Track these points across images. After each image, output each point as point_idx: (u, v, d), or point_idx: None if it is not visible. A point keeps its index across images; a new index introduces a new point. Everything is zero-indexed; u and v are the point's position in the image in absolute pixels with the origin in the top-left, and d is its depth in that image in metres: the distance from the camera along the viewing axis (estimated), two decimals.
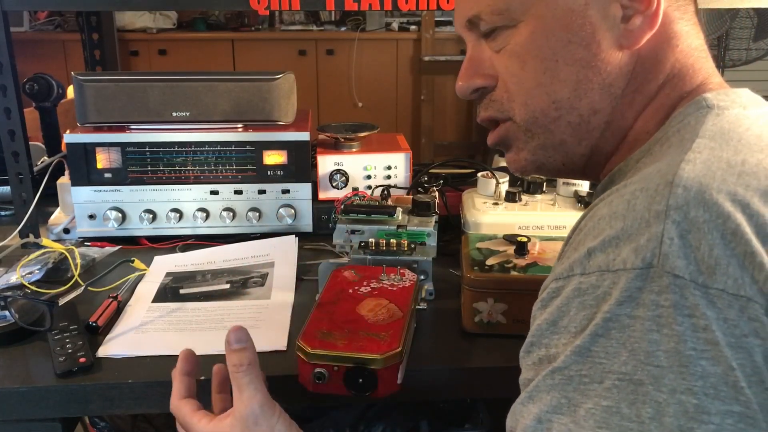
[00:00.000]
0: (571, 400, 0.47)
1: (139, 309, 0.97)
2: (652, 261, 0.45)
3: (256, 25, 3.82)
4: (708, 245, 0.45)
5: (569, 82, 0.61)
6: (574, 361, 0.47)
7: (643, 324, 0.45)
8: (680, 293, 0.44)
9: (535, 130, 0.64)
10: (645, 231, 0.46)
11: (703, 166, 0.49)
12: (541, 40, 0.61)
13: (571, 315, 0.49)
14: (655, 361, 0.44)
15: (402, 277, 0.91)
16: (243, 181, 1.19)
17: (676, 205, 0.46)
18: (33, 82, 1.39)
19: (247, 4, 1.10)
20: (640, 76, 0.61)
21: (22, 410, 0.80)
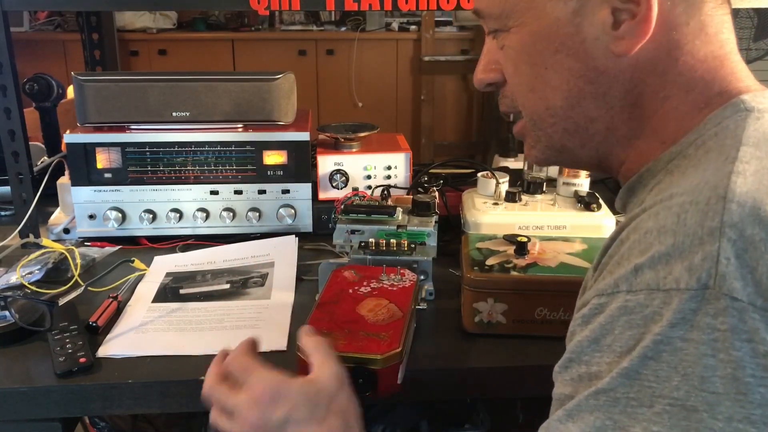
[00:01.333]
0: (617, 422, 0.45)
1: (139, 309, 0.97)
2: (708, 282, 0.43)
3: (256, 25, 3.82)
4: (766, 265, 0.43)
5: (561, 91, 0.60)
6: (621, 383, 0.45)
7: (698, 348, 0.43)
8: (739, 317, 0.42)
9: (537, 132, 0.64)
10: (699, 249, 0.44)
11: (754, 179, 0.47)
12: (530, 47, 0.60)
13: (616, 334, 0.47)
14: (710, 387, 0.42)
15: (402, 277, 0.91)
16: (243, 181, 1.19)
17: (731, 222, 0.45)
18: (33, 82, 1.39)
19: (247, 4, 1.10)
20: (639, 87, 0.58)
21: (22, 410, 0.80)
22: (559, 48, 0.58)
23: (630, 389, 0.45)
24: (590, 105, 0.59)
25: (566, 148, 0.63)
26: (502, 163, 3.26)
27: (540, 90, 0.61)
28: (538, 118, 0.63)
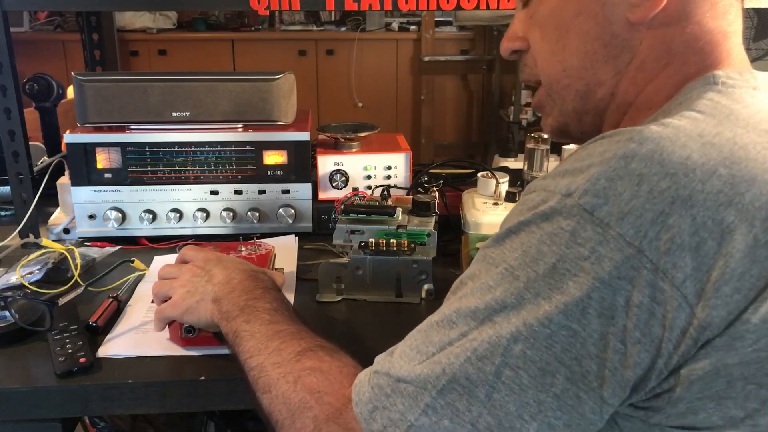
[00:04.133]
0: (477, 271, 0.56)
1: (139, 309, 0.97)
2: (573, 193, 0.51)
3: (256, 25, 3.82)
4: (631, 194, 0.49)
5: (578, 52, 0.64)
6: (491, 245, 0.56)
7: (541, 235, 0.52)
8: (582, 225, 0.50)
9: (554, 96, 0.69)
10: (586, 170, 0.52)
11: (672, 130, 0.52)
12: (557, 11, 0.65)
13: (511, 214, 0.57)
14: (535, 266, 0.52)
15: (258, 247, 1.01)
16: (243, 181, 1.19)
17: (624, 155, 0.51)
18: (33, 82, 1.39)
19: (247, 4, 1.10)
20: (645, 53, 0.62)
21: (22, 410, 0.80)
22: (583, 10, 0.63)
23: (493, 251, 0.56)
24: (601, 67, 0.64)
25: (576, 112, 0.68)
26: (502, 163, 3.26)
27: (559, 52, 0.66)
28: (555, 80, 0.67)
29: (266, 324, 0.72)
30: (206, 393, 0.82)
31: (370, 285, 0.99)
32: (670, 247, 0.48)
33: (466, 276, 0.57)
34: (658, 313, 0.49)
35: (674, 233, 0.48)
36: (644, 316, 0.49)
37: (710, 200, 0.49)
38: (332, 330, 0.93)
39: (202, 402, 0.83)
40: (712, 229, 0.49)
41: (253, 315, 0.73)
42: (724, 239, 0.49)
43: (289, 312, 0.75)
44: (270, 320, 0.72)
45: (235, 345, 0.72)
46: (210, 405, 0.84)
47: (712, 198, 0.49)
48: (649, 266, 0.48)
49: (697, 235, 0.48)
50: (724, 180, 0.50)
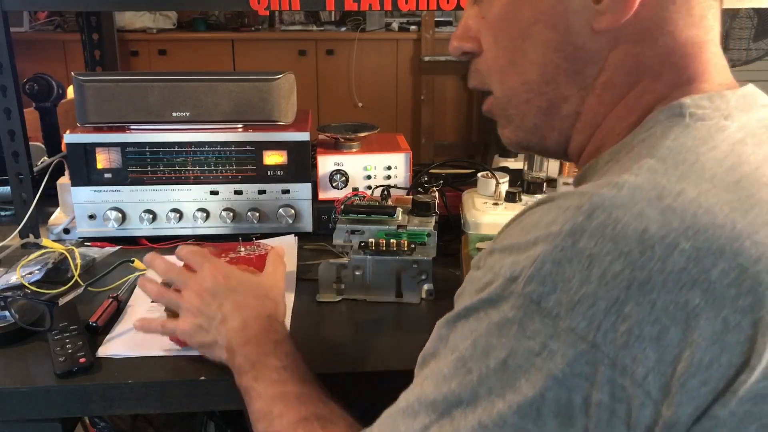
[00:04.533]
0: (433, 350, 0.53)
1: (139, 309, 0.97)
2: (518, 278, 0.46)
3: (256, 25, 3.82)
4: (580, 280, 0.44)
5: (538, 65, 0.58)
6: (445, 324, 0.52)
7: (489, 325, 0.47)
8: (529, 317, 0.45)
9: (510, 110, 0.62)
10: (531, 248, 0.47)
11: (628, 193, 0.46)
12: (510, 15, 0.58)
13: (464, 294, 0.52)
14: (486, 360, 0.47)
15: (257, 247, 1.00)
16: (243, 182, 1.19)
17: (571, 231, 0.45)
18: (33, 82, 1.39)
19: (247, 4, 1.10)
20: (613, 67, 0.56)
21: (22, 410, 0.80)
22: (540, 18, 0.56)
23: (446, 331, 0.51)
24: (564, 82, 0.57)
25: (537, 129, 0.61)
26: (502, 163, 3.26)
27: (519, 63, 0.59)
28: (513, 94, 0.61)
29: (273, 384, 0.70)
30: (206, 393, 0.82)
31: (370, 285, 0.99)
32: (628, 339, 0.43)
33: (427, 353, 0.53)
34: (620, 411, 0.43)
35: (632, 323, 0.43)
36: (605, 415, 0.43)
37: (671, 281, 0.43)
38: (332, 330, 0.93)
39: (202, 402, 0.83)
40: (675, 315, 0.42)
41: (262, 373, 0.72)
42: (689, 325, 0.42)
43: (298, 369, 0.73)
44: (277, 380, 0.71)
45: (246, 402, 0.72)
46: (210, 405, 0.84)
47: (674, 278, 0.43)
48: (606, 362, 0.43)
49: (659, 324, 0.42)
50: (687, 255, 0.43)
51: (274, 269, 0.89)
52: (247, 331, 0.77)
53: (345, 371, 0.83)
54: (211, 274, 0.82)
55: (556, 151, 0.63)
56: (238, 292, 0.81)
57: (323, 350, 0.88)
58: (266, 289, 0.84)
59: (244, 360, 0.74)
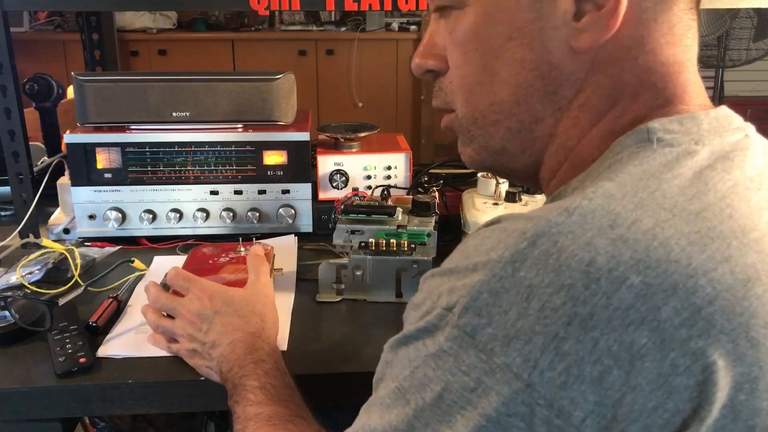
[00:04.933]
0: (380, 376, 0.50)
1: (139, 309, 0.96)
2: (453, 308, 0.43)
3: (256, 25, 3.82)
4: (518, 312, 0.41)
5: (509, 84, 0.54)
6: (387, 350, 0.50)
7: (427, 356, 0.45)
8: (465, 350, 0.42)
9: (475, 130, 0.58)
10: (468, 275, 0.44)
11: (578, 218, 0.43)
12: (482, 30, 0.54)
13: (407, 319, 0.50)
14: (423, 393, 0.44)
15: None
16: (243, 181, 1.19)
17: (511, 259, 0.42)
18: (33, 82, 1.39)
19: (247, 4, 1.10)
20: (590, 88, 0.52)
21: (22, 410, 0.80)
22: (514, 35, 0.52)
23: (390, 356, 0.49)
24: (538, 103, 0.53)
25: (505, 151, 0.57)
26: None
27: (487, 83, 0.55)
28: (480, 115, 0.57)
29: (249, 405, 0.71)
30: (206, 393, 0.82)
31: (370, 285, 0.99)
32: (566, 379, 0.40)
33: (377, 377, 0.51)
34: None
35: (571, 362, 0.40)
36: None
37: (617, 319, 0.39)
38: (332, 330, 0.93)
39: (202, 402, 0.83)
40: (619, 355, 0.39)
41: (241, 396, 0.72)
42: (633, 367, 0.39)
43: (274, 387, 0.72)
44: (253, 401, 0.71)
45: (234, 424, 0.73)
46: (210, 405, 0.84)
47: (620, 316, 0.39)
48: (543, 402, 0.40)
49: (600, 364, 0.39)
50: (635, 291, 0.40)
51: (256, 277, 0.89)
52: (233, 354, 0.77)
53: (345, 371, 0.83)
54: (197, 297, 0.84)
55: (524, 175, 0.60)
56: (224, 313, 0.82)
57: (323, 350, 0.87)
58: (251, 304, 0.84)
59: (230, 384, 0.75)
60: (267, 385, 0.72)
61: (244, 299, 0.84)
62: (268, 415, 0.69)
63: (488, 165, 0.61)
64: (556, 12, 0.50)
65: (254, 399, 0.71)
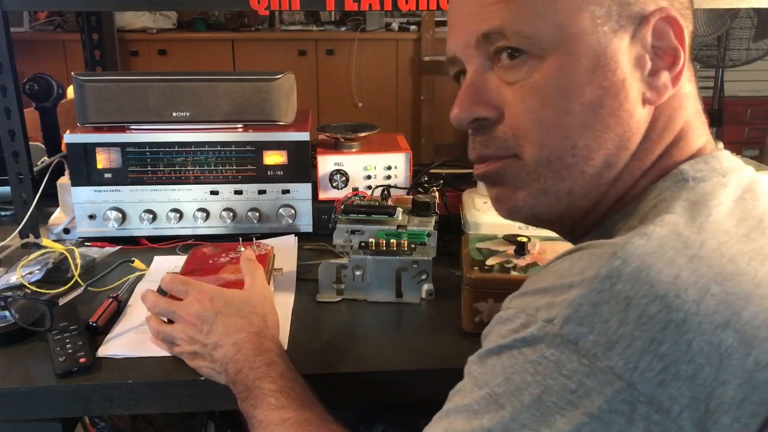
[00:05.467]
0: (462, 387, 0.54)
1: (139, 309, 0.96)
2: (554, 320, 0.48)
3: (256, 25, 3.81)
4: (618, 321, 0.46)
5: (591, 130, 0.56)
6: (475, 360, 0.54)
7: (525, 363, 0.49)
8: (567, 356, 0.47)
9: (546, 173, 0.58)
10: (566, 291, 0.49)
11: (657, 242, 0.49)
12: (569, 78, 0.56)
13: (492, 333, 0.54)
14: (520, 396, 0.48)
15: (258, 248, 1.01)
16: (243, 181, 1.19)
17: (607, 274, 0.47)
18: (33, 82, 1.39)
19: (247, 4, 1.10)
20: (651, 138, 0.58)
21: (22, 410, 0.80)
22: (603, 83, 0.56)
23: (477, 368, 0.53)
24: (613, 149, 0.57)
25: (571, 194, 0.59)
26: None
27: (569, 127, 0.56)
28: (557, 158, 0.57)
29: (272, 410, 0.70)
30: (206, 393, 0.82)
31: (370, 285, 0.99)
32: (664, 377, 0.45)
33: (456, 388, 0.55)
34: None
35: (668, 362, 0.45)
36: None
37: (706, 323, 0.45)
38: (332, 330, 0.93)
39: (202, 402, 0.83)
40: (710, 354, 0.45)
41: (259, 399, 0.72)
42: (722, 364, 0.45)
43: (294, 391, 0.73)
44: (276, 405, 0.71)
45: (249, 427, 0.73)
46: (210, 405, 0.84)
47: (708, 320, 0.45)
48: (643, 399, 0.45)
49: (693, 363, 0.45)
50: (718, 299, 0.46)
51: (253, 279, 0.89)
52: (239, 355, 0.77)
53: (345, 371, 0.83)
54: (197, 300, 0.83)
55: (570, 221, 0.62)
56: (225, 314, 0.82)
57: (323, 350, 0.87)
58: (252, 305, 0.84)
59: (241, 386, 0.75)
60: (286, 388, 0.72)
61: (245, 300, 0.84)
62: (298, 421, 0.69)
63: (539, 211, 0.61)
64: (637, 67, 0.57)
65: (277, 403, 0.71)
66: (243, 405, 0.74)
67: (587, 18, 0.55)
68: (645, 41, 0.56)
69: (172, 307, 0.84)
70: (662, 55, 0.57)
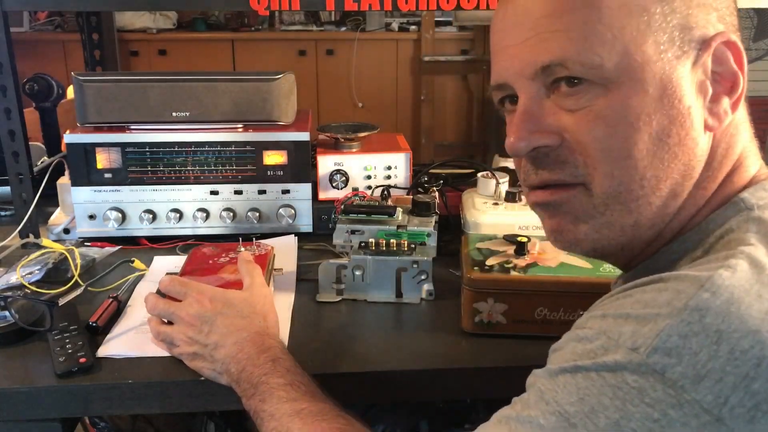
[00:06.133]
0: (527, 399, 0.53)
1: (139, 309, 0.96)
2: (640, 349, 0.47)
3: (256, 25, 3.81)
4: (709, 354, 0.45)
5: (659, 160, 0.55)
6: (542, 375, 0.52)
7: (603, 387, 0.48)
8: (651, 385, 0.46)
9: (613, 205, 0.57)
10: (653, 320, 0.48)
11: (743, 275, 0.48)
12: (636, 107, 0.54)
13: (566, 351, 0.53)
14: (595, 419, 0.47)
15: (258, 248, 1.01)
16: (243, 182, 1.19)
17: (696, 306, 0.47)
18: (33, 83, 1.39)
19: (247, 4, 1.10)
20: (713, 164, 0.57)
21: (22, 410, 0.80)
22: (670, 111, 0.55)
23: (545, 383, 0.51)
24: (678, 178, 0.56)
25: (636, 226, 0.58)
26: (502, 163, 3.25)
27: (640, 157, 0.55)
28: (626, 190, 0.56)
29: (283, 402, 0.70)
30: (206, 393, 0.82)
31: (370, 285, 0.99)
32: (755, 415, 0.44)
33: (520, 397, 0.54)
34: None
35: (760, 399, 0.44)
36: None
37: None
38: (332, 330, 0.93)
39: (202, 402, 0.83)
40: None
41: (268, 393, 0.72)
42: None
43: (303, 384, 0.73)
44: (287, 398, 0.70)
45: (258, 425, 0.73)
46: (210, 405, 0.84)
47: None
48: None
49: None
50: None
51: (251, 280, 0.88)
52: (241, 354, 0.77)
53: (345, 371, 0.83)
54: (196, 300, 0.83)
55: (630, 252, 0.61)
56: (225, 314, 0.82)
57: (323, 350, 0.87)
58: (252, 305, 0.84)
59: (246, 383, 0.75)
60: (295, 382, 0.72)
61: (245, 300, 0.84)
62: (312, 412, 0.68)
63: (601, 245, 0.59)
64: (700, 94, 0.56)
65: (287, 396, 0.70)
66: (249, 402, 0.74)
67: (651, 45, 0.54)
68: (706, 67, 0.55)
69: (171, 309, 0.84)
70: (721, 81, 0.56)
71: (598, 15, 0.54)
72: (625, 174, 0.56)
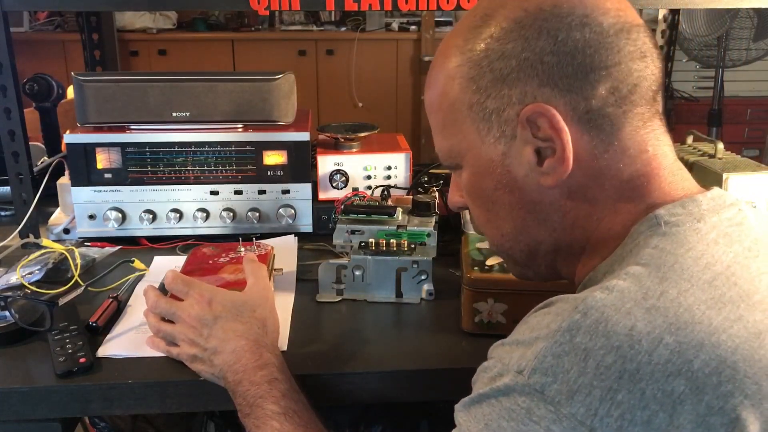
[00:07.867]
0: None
1: (139, 309, 0.96)
2: (524, 371, 0.52)
3: (256, 25, 3.81)
4: (578, 371, 0.50)
5: (508, 220, 0.66)
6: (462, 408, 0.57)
7: (501, 411, 0.53)
8: (535, 404, 0.51)
9: (501, 253, 0.72)
10: (534, 343, 0.53)
11: (617, 295, 0.52)
12: (476, 184, 0.67)
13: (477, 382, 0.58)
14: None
15: (258, 248, 1.01)
16: (243, 182, 1.19)
17: (568, 327, 0.51)
18: (33, 82, 1.39)
19: (247, 4, 1.10)
20: (574, 211, 0.63)
21: (22, 410, 0.80)
22: (497, 186, 0.65)
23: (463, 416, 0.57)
24: (534, 230, 0.66)
25: (529, 266, 0.70)
26: None
27: (493, 220, 0.68)
28: (497, 243, 0.70)
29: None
30: (206, 393, 0.82)
31: (370, 285, 0.99)
32: (622, 423, 0.48)
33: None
34: None
35: (624, 409, 0.48)
36: None
37: (658, 372, 0.49)
38: (332, 330, 0.93)
39: (202, 402, 0.83)
40: (662, 401, 0.48)
41: (262, 420, 0.73)
42: (675, 410, 0.48)
43: (296, 414, 0.73)
44: (279, 429, 0.72)
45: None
46: (210, 405, 0.84)
47: (660, 369, 0.49)
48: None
49: (648, 409, 0.48)
50: (671, 349, 0.49)
51: (255, 280, 0.88)
52: (238, 365, 0.77)
53: (345, 371, 0.83)
54: (197, 302, 0.83)
55: (553, 276, 0.70)
56: (224, 318, 0.82)
57: (323, 350, 0.87)
58: (252, 308, 0.84)
59: (242, 399, 0.75)
60: (289, 411, 0.73)
61: (245, 303, 0.84)
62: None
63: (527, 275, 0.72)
64: (523, 162, 0.62)
65: (281, 428, 0.71)
66: (245, 420, 0.74)
67: (473, 133, 0.64)
68: (526, 138, 0.61)
69: (172, 308, 0.84)
70: (546, 144, 0.60)
71: (442, 117, 0.66)
72: (490, 233, 0.70)
